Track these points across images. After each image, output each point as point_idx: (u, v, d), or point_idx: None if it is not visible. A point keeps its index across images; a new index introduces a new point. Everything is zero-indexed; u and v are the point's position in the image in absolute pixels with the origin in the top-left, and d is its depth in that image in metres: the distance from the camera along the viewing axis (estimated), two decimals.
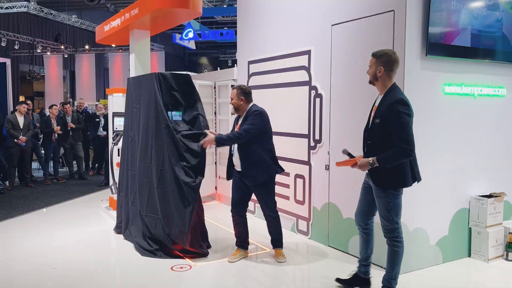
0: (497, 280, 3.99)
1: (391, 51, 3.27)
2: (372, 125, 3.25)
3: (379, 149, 3.16)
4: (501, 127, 4.56)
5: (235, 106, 4.27)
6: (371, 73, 3.27)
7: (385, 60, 3.19)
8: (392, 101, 3.10)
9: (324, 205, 4.78)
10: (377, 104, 3.29)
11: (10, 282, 3.91)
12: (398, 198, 3.22)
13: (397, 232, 3.25)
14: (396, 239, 3.25)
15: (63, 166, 10.41)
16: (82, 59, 20.79)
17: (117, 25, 6.40)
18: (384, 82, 3.22)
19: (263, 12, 5.78)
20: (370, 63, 3.27)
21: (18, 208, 6.65)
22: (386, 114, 3.10)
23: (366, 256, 3.53)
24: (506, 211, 4.49)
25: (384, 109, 3.13)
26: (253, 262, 4.36)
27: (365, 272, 3.54)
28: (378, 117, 3.17)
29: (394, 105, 3.08)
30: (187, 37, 15.29)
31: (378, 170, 3.18)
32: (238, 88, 4.28)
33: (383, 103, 3.19)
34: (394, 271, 3.29)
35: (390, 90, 3.20)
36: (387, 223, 3.24)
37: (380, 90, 3.28)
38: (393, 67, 3.20)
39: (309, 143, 4.96)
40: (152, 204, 4.46)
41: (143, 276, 4.02)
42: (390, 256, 3.29)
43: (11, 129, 8.08)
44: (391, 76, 3.21)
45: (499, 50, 4.38)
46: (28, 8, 15.25)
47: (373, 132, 3.24)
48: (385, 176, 3.17)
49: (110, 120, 6.34)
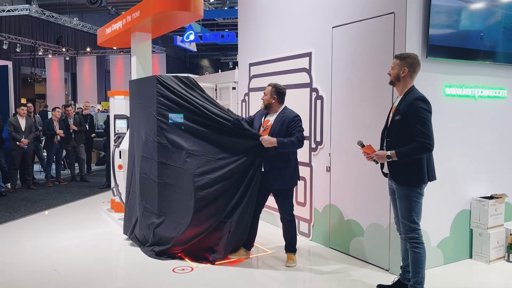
0: (498, 281, 3.99)
1: (414, 54, 3.37)
2: (392, 123, 3.32)
3: (398, 146, 3.21)
4: (502, 128, 4.56)
5: (266, 104, 4.22)
6: (393, 74, 3.34)
7: (410, 62, 3.29)
8: (413, 99, 3.20)
9: (325, 207, 4.79)
10: (396, 104, 3.37)
11: (13, 284, 3.92)
12: (420, 198, 3.27)
13: (418, 233, 3.26)
14: (417, 241, 3.25)
15: (65, 168, 10.43)
16: (84, 61, 20.85)
17: (119, 27, 6.42)
18: (405, 83, 3.31)
19: (264, 14, 5.80)
20: (393, 65, 3.35)
21: (20, 210, 6.67)
22: (407, 111, 3.19)
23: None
24: (507, 212, 4.49)
25: (405, 107, 3.21)
26: (255, 264, 4.37)
27: (408, 278, 3.49)
28: (398, 114, 3.25)
29: (415, 102, 3.17)
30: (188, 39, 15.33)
31: (398, 168, 3.23)
32: (273, 86, 4.22)
33: (402, 102, 3.28)
34: (420, 276, 3.27)
35: (410, 90, 3.30)
36: (409, 224, 3.25)
37: (400, 91, 3.36)
38: (415, 69, 3.31)
39: (310, 145, 4.97)
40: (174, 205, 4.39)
41: (145, 278, 4.03)
42: (413, 260, 3.27)
43: (13, 131, 8.11)
44: (412, 77, 3.32)
45: (500, 52, 4.39)
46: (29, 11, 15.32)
47: (392, 129, 3.31)
48: (407, 173, 3.22)
49: (111, 122, 6.36)
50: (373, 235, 4.22)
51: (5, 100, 9.12)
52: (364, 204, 4.29)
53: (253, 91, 6.00)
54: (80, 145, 9.33)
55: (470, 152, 4.33)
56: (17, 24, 18.28)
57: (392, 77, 3.37)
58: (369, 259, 4.28)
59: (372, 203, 4.18)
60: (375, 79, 4.14)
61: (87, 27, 18.38)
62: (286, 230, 4.31)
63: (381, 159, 3.27)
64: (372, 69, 4.17)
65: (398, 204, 3.33)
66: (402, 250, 3.54)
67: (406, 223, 3.27)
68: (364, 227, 4.30)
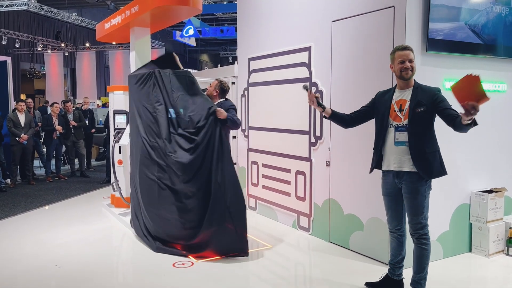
0: (497, 275, 4.00)
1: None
2: (414, 116, 3.17)
3: (425, 137, 3.18)
4: (501, 122, 4.56)
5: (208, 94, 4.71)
6: (414, 67, 3.24)
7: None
8: (435, 90, 3.21)
9: (325, 201, 4.79)
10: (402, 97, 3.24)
11: (13, 279, 3.93)
12: (430, 193, 3.27)
13: (426, 229, 3.24)
14: (425, 237, 3.23)
15: (65, 163, 10.44)
16: (83, 56, 20.80)
17: (118, 22, 6.39)
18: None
19: (264, 8, 5.78)
20: (411, 57, 3.21)
21: (20, 206, 6.68)
22: (433, 101, 3.15)
23: (401, 258, 3.48)
24: (506, 206, 4.49)
25: (428, 98, 3.17)
26: (255, 258, 4.38)
27: (399, 274, 3.49)
28: (422, 106, 3.16)
29: (438, 93, 3.20)
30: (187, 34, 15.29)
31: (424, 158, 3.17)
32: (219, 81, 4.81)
33: (417, 94, 3.20)
34: (424, 271, 3.25)
35: (418, 83, 3.27)
36: (421, 220, 3.21)
37: (408, 84, 3.26)
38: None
39: (309, 139, 4.97)
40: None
41: (145, 272, 4.04)
42: (419, 256, 3.24)
43: (12, 127, 8.10)
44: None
45: (500, 46, 4.38)
46: (28, 6, 15.26)
47: (416, 122, 3.17)
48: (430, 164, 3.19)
49: (111, 118, 6.35)
50: (372, 229, 4.22)
51: (4, 96, 9.11)
52: (364, 199, 4.30)
53: (253, 85, 5.99)
54: (80, 140, 9.33)
55: (470, 146, 4.33)
56: (16, 19, 18.23)
57: (414, 70, 3.23)
58: (368, 253, 4.29)
59: (371, 197, 4.18)
60: (374, 73, 4.13)
61: (86, 22, 18.33)
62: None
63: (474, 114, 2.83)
64: (371, 63, 4.16)
65: (409, 202, 3.24)
66: (393, 247, 3.48)
67: (419, 220, 3.21)
68: (363, 221, 4.31)
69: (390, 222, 3.46)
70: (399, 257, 3.47)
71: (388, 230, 3.50)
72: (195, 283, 3.83)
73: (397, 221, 3.41)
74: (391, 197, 3.39)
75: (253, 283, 3.92)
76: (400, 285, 3.50)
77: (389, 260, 3.55)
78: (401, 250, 3.46)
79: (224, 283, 3.87)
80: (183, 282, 3.83)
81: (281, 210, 5.51)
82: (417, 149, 3.18)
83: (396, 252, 3.47)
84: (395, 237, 3.45)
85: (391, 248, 3.53)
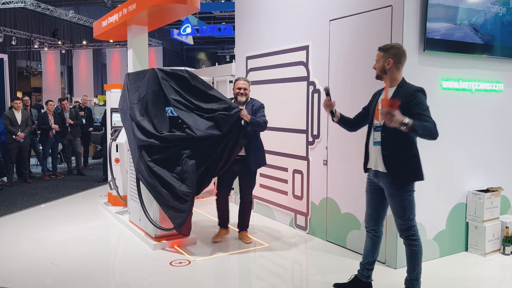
0: (494, 274, 4.02)
1: (398, 44, 3.25)
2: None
3: (397, 139, 3.07)
4: (498, 122, 4.58)
5: (248, 98, 4.71)
6: (378, 67, 3.22)
7: (394, 53, 3.16)
8: (414, 90, 3.07)
9: (322, 200, 4.80)
10: (386, 97, 3.15)
11: (10, 278, 3.92)
12: (412, 195, 3.16)
13: (414, 230, 3.17)
14: (413, 237, 3.17)
15: (61, 162, 10.42)
16: (80, 54, 20.74)
17: (115, 20, 6.38)
18: (393, 75, 3.18)
19: (261, 7, 5.78)
20: (377, 57, 3.23)
21: (17, 204, 6.66)
22: (408, 102, 3.02)
23: (373, 260, 3.45)
24: (503, 205, 4.51)
25: (405, 98, 3.03)
26: (252, 257, 4.38)
27: (368, 276, 3.48)
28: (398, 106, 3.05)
29: (417, 93, 3.04)
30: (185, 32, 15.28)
31: (396, 164, 3.10)
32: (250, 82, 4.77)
33: (398, 94, 3.11)
34: (415, 272, 3.21)
35: (404, 83, 3.17)
36: (403, 222, 3.16)
37: (389, 83, 3.21)
38: (401, 60, 3.18)
39: (307, 138, 4.97)
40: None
41: (142, 271, 4.04)
42: (409, 256, 3.21)
43: (9, 125, 8.08)
44: (399, 68, 3.18)
45: (497, 45, 4.39)
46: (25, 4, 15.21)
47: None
48: (402, 168, 3.10)
49: (108, 116, 6.34)
50: None
51: (1, 93, 9.08)
52: (361, 198, 4.29)
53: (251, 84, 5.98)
54: (77, 138, 9.31)
55: (467, 146, 4.35)
56: (13, 16, 18.16)
57: (377, 71, 3.24)
58: None
59: None
60: (372, 73, 4.11)
61: (83, 20, 18.27)
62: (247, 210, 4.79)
63: (395, 121, 2.83)
64: (369, 62, 4.16)
65: (391, 203, 3.22)
66: (367, 247, 3.44)
67: (402, 222, 3.16)
68: (360, 220, 4.32)
69: (367, 220, 3.43)
70: (370, 259, 3.44)
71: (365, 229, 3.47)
72: (192, 281, 3.84)
73: (374, 221, 3.37)
74: (370, 194, 3.38)
75: (250, 281, 3.92)
76: (369, 287, 3.49)
77: (361, 260, 3.52)
78: (374, 251, 3.43)
79: (221, 282, 3.87)
80: (180, 280, 3.83)
81: (278, 209, 5.52)
82: (389, 151, 3.13)
83: (368, 253, 3.44)
84: (370, 237, 3.42)
85: (364, 248, 3.49)
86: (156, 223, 4.55)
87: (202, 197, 7.00)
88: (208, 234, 5.01)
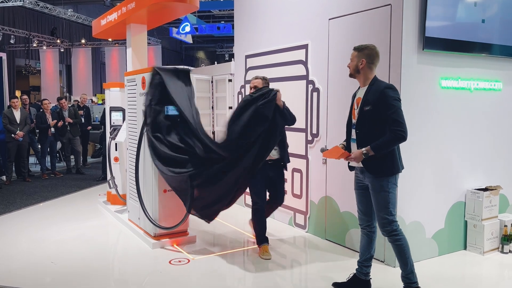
0: (492, 272, 4.03)
1: (372, 45, 3.32)
2: (361, 114, 3.25)
3: (369, 137, 3.17)
4: (497, 121, 4.58)
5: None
6: (352, 66, 3.33)
7: (368, 53, 3.26)
8: (383, 88, 3.16)
9: (321, 199, 4.80)
10: (360, 95, 3.30)
11: (9, 276, 3.91)
12: (396, 189, 3.23)
13: (395, 225, 3.21)
14: (396, 232, 3.20)
15: (60, 160, 10.41)
16: (79, 53, 20.70)
17: (114, 19, 6.37)
18: (366, 74, 3.28)
19: (261, 5, 5.77)
20: (352, 57, 3.34)
21: (16, 203, 6.66)
22: (377, 100, 3.14)
23: (370, 257, 3.47)
24: (501, 204, 4.52)
25: (374, 96, 3.17)
26: (250, 256, 4.39)
27: (366, 273, 3.48)
28: (368, 104, 3.19)
29: (385, 90, 3.14)
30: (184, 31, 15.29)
31: (373, 160, 3.17)
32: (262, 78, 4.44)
33: (369, 92, 3.23)
34: (408, 266, 3.23)
35: (375, 81, 3.26)
36: (386, 216, 3.19)
37: (362, 82, 3.33)
38: (374, 60, 3.27)
39: (306, 137, 4.98)
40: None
41: (141, 269, 4.04)
42: (398, 252, 3.23)
43: (7, 124, 8.07)
44: (372, 68, 3.28)
45: (496, 44, 4.39)
46: (23, 2, 15.18)
47: (362, 121, 3.24)
48: (381, 164, 3.17)
49: (107, 115, 6.33)
50: None
51: None
52: None
53: (250, 83, 5.98)
54: (76, 137, 9.31)
55: (465, 144, 4.36)
56: (11, 15, 18.11)
57: (351, 70, 3.35)
58: None
59: None
60: None
61: (82, 19, 18.24)
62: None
63: (358, 159, 3.18)
64: None
65: (373, 198, 3.26)
66: (363, 244, 3.47)
67: (384, 216, 3.20)
68: None
69: (360, 217, 3.47)
70: (367, 255, 3.46)
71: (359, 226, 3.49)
72: (191, 280, 3.84)
73: (367, 217, 3.41)
74: (359, 191, 3.42)
75: (248, 280, 3.93)
76: (367, 285, 3.50)
77: (358, 259, 3.53)
78: (370, 247, 3.45)
79: (221, 280, 3.88)
80: (179, 279, 3.84)
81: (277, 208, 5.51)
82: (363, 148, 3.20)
83: (365, 250, 3.46)
84: (365, 234, 3.45)
85: (360, 246, 3.51)
86: (156, 222, 4.55)
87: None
88: (208, 233, 5.01)
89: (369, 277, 3.51)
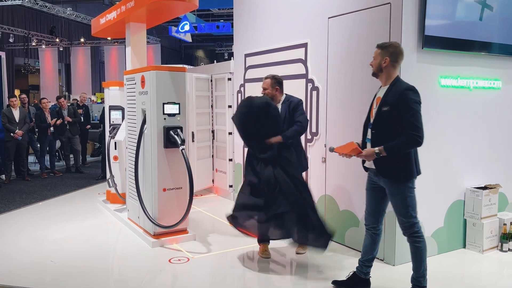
0: (491, 270, 4.04)
1: (396, 42, 3.26)
2: (379, 114, 3.17)
3: (385, 138, 3.09)
4: (496, 119, 4.59)
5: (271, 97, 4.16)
6: (375, 64, 3.23)
7: (392, 51, 3.17)
8: (403, 89, 3.08)
9: (321, 198, 4.81)
10: (380, 95, 3.22)
11: (9, 275, 3.91)
12: (413, 191, 3.17)
13: (417, 227, 3.17)
14: (417, 234, 3.17)
15: (59, 159, 10.40)
16: (78, 52, 20.68)
17: (113, 18, 6.36)
18: (389, 73, 3.19)
19: (260, 4, 5.77)
20: (375, 54, 3.24)
21: (15, 202, 6.65)
22: (397, 101, 3.06)
23: (372, 257, 3.46)
24: (500, 202, 4.53)
25: (394, 97, 3.08)
26: (250, 255, 4.39)
27: (366, 272, 3.48)
28: (387, 105, 3.11)
29: (406, 92, 3.06)
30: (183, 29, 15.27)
31: (388, 163, 3.11)
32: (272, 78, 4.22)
33: (389, 92, 3.14)
34: (422, 269, 3.20)
35: (397, 81, 3.18)
36: (406, 220, 3.15)
37: (384, 81, 3.24)
38: (398, 58, 3.19)
39: (306, 136, 4.97)
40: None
41: (141, 268, 4.04)
42: (414, 253, 3.20)
43: (7, 123, 8.06)
44: (395, 67, 3.19)
45: (495, 43, 4.40)
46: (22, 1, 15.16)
47: (380, 121, 3.17)
48: (395, 167, 3.11)
49: (106, 114, 6.33)
50: None
51: None
52: (359, 195, 4.30)
53: (249, 82, 5.99)
54: (75, 136, 9.30)
55: (465, 143, 4.36)
56: (10, 14, 18.08)
57: (374, 68, 3.25)
58: None
59: None
60: (371, 70, 4.12)
61: (81, 17, 18.21)
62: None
63: (369, 157, 3.12)
64: (368, 59, 4.13)
65: (391, 201, 3.23)
66: (366, 244, 3.45)
67: (404, 219, 3.16)
68: (359, 217, 4.33)
69: (366, 218, 3.43)
70: (369, 256, 3.44)
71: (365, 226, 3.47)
72: (191, 278, 3.84)
73: (374, 218, 3.38)
74: (371, 193, 3.38)
75: (248, 278, 3.93)
76: (367, 284, 3.50)
77: (360, 257, 3.52)
78: (374, 249, 3.43)
79: (220, 279, 3.88)
80: (179, 278, 3.84)
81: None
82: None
83: (367, 250, 3.45)
84: (370, 235, 3.42)
85: (363, 245, 3.49)
86: (155, 221, 4.55)
87: (201, 195, 7.01)
88: (207, 232, 5.01)
89: (369, 276, 3.51)
